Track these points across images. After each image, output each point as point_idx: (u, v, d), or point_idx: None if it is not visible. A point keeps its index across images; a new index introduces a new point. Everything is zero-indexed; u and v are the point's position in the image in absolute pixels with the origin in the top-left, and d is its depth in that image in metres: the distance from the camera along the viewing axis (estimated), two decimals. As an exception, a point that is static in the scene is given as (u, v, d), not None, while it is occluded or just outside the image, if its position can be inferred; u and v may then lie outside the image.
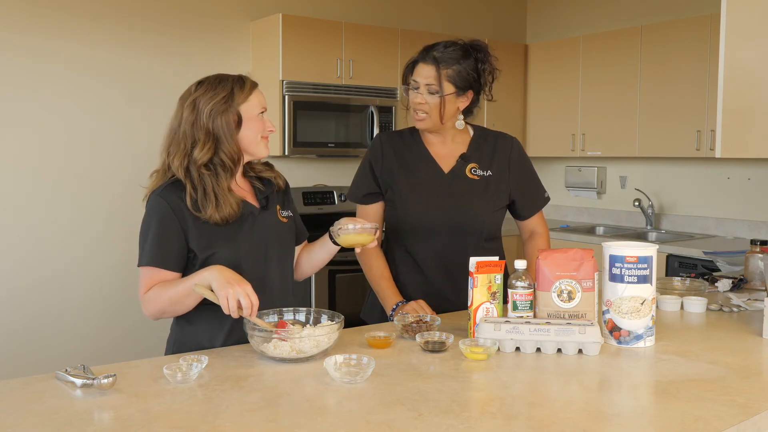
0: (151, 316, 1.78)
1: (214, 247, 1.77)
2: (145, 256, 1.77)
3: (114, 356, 3.68)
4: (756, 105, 2.23)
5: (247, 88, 1.84)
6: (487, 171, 2.17)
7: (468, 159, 2.17)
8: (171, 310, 1.76)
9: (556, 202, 5.48)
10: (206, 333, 1.81)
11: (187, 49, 4.15)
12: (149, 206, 1.79)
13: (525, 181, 2.22)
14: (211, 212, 1.75)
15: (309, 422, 1.23)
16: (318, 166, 4.69)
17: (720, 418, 1.25)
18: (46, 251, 3.77)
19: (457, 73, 2.07)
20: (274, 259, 1.87)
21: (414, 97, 2.09)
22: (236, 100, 1.81)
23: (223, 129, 1.79)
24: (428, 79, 2.06)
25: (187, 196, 1.76)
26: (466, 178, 2.15)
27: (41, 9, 3.69)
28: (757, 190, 4.32)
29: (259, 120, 1.85)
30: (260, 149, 1.88)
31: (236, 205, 1.79)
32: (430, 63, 2.07)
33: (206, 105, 1.80)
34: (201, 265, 1.77)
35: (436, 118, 2.09)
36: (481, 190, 2.14)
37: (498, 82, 2.24)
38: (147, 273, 1.77)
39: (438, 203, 2.12)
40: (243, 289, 1.62)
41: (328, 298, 4.02)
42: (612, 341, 1.75)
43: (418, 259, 2.15)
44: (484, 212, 2.14)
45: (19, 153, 3.68)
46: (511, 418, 1.25)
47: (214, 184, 1.77)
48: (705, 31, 4.12)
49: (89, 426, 1.22)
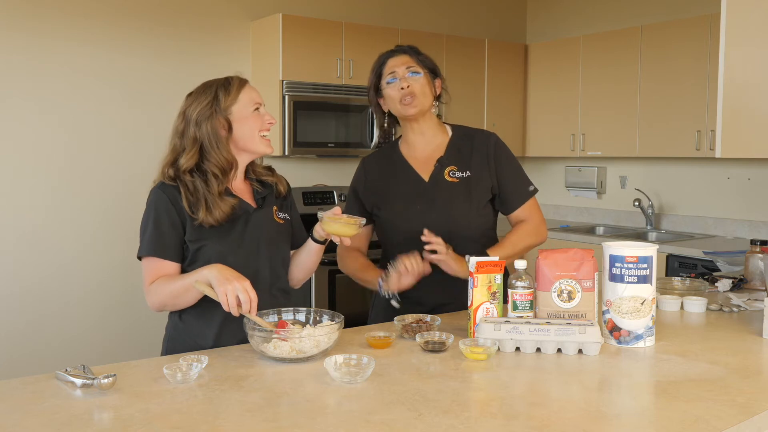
0: (153, 308, 1.83)
1: (204, 240, 1.80)
2: (144, 247, 1.82)
3: (114, 356, 3.68)
4: (756, 105, 2.23)
5: (233, 89, 1.85)
6: (466, 172, 2.17)
7: (445, 163, 2.17)
8: (172, 303, 1.81)
9: (556, 202, 5.48)
10: (196, 331, 1.84)
11: (187, 49, 4.15)
12: (150, 199, 1.84)
13: (506, 175, 2.19)
14: (202, 216, 1.79)
15: (309, 422, 1.23)
16: (318, 166, 4.69)
17: (720, 418, 1.25)
18: (46, 251, 3.77)
19: (425, 58, 2.19)
20: (265, 257, 1.88)
21: (398, 85, 2.13)
22: (223, 104, 1.83)
23: (209, 135, 1.82)
24: (406, 63, 2.14)
25: (183, 199, 1.80)
26: (446, 183, 2.15)
27: (41, 9, 3.69)
28: (757, 190, 4.32)
29: (254, 117, 1.86)
30: (260, 146, 1.88)
31: (229, 208, 1.81)
32: (401, 53, 2.17)
33: (193, 113, 1.85)
34: (192, 257, 1.81)
35: (426, 98, 2.14)
36: (462, 192, 2.14)
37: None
38: (148, 264, 1.82)
39: (422, 212, 2.13)
40: (241, 284, 1.64)
41: (328, 298, 4.02)
42: (612, 341, 1.75)
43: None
44: (468, 214, 2.14)
45: (19, 153, 3.68)
46: (511, 418, 1.25)
47: (204, 190, 1.81)
48: (705, 31, 4.12)
49: (89, 426, 1.22)
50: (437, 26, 5.12)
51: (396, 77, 2.13)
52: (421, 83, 2.13)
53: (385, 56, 2.18)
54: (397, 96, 2.12)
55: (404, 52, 2.16)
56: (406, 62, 2.14)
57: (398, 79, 2.12)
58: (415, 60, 2.15)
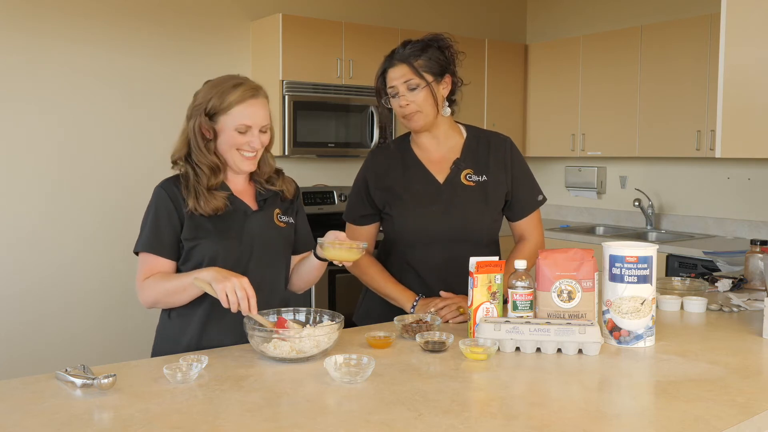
0: (145, 304, 1.82)
1: (199, 239, 1.80)
2: (141, 243, 1.82)
3: (114, 356, 3.68)
4: (756, 105, 2.23)
5: (233, 98, 1.78)
6: (483, 176, 2.12)
7: (462, 165, 2.13)
8: (165, 301, 1.81)
9: (556, 202, 5.48)
10: (179, 331, 1.84)
11: (187, 49, 4.15)
12: (152, 196, 1.85)
13: (520, 182, 2.17)
14: (193, 203, 1.79)
15: (309, 422, 1.23)
16: (318, 166, 4.69)
17: (720, 418, 1.25)
18: (46, 251, 3.77)
19: (427, 61, 2.04)
20: (260, 259, 1.85)
21: (398, 102, 2.06)
22: (214, 108, 1.79)
23: (194, 133, 1.82)
24: (404, 77, 2.03)
25: (182, 186, 1.82)
26: (462, 186, 2.11)
27: (41, 9, 3.68)
28: (757, 190, 4.32)
29: (236, 136, 1.80)
30: (237, 162, 1.83)
31: (220, 203, 1.80)
32: (399, 63, 2.04)
33: (192, 103, 1.84)
34: (186, 256, 1.81)
35: (429, 112, 2.06)
36: (478, 197, 2.11)
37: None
38: (144, 259, 1.82)
39: (435, 215, 2.10)
40: (239, 282, 1.63)
41: (328, 298, 4.02)
42: (612, 341, 1.75)
43: (419, 270, 2.13)
44: (483, 220, 2.11)
45: (19, 153, 3.68)
46: (511, 418, 1.25)
47: (194, 181, 1.81)
48: (705, 31, 4.12)
49: (89, 426, 1.22)
50: (437, 26, 5.11)
51: (396, 92, 2.05)
52: (420, 99, 2.03)
53: (385, 64, 2.08)
54: (400, 112, 2.07)
55: (403, 61, 2.03)
56: (405, 75, 2.02)
57: (398, 95, 2.05)
58: (413, 71, 2.02)
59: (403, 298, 2.09)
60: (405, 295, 2.09)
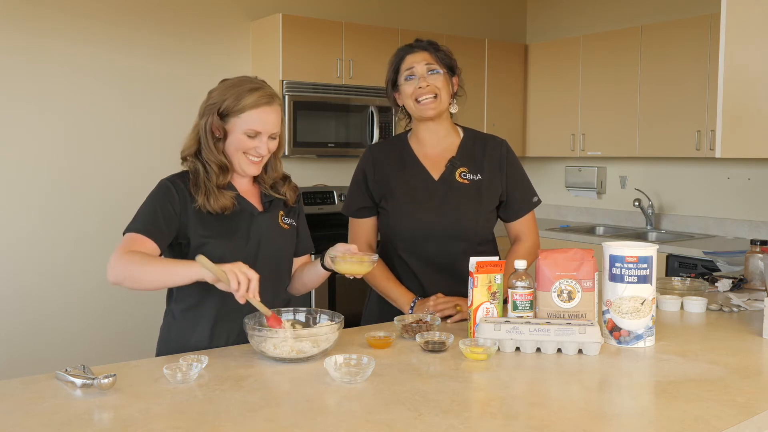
0: (112, 277, 1.66)
1: (209, 237, 1.78)
2: (134, 225, 1.74)
3: (114, 356, 3.68)
4: (756, 105, 2.23)
5: (248, 102, 1.78)
6: (477, 175, 2.14)
7: (457, 163, 2.15)
8: (137, 279, 1.65)
9: (556, 202, 5.48)
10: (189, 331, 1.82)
11: (187, 49, 4.15)
12: (156, 187, 1.83)
13: (515, 184, 2.18)
14: (202, 200, 1.78)
15: (309, 422, 1.23)
16: (318, 166, 4.69)
17: (720, 418, 1.25)
18: (46, 251, 3.77)
19: (444, 55, 2.13)
20: (265, 260, 1.85)
21: (415, 83, 2.08)
22: (228, 109, 1.79)
23: (205, 131, 1.81)
24: (426, 60, 2.09)
25: (190, 182, 1.81)
26: (456, 184, 2.13)
27: (41, 9, 3.69)
28: (757, 190, 4.32)
29: (245, 140, 1.79)
30: (242, 165, 1.83)
31: (228, 201, 1.80)
32: (421, 49, 2.11)
33: (207, 101, 1.84)
34: (193, 254, 1.71)
35: (444, 99, 2.09)
36: (472, 195, 2.12)
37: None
38: (131, 237, 1.72)
39: (429, 211, 2.11)
40: (239, 267, 1.59)
41: (328, 298, 4.02)
42: (612, 341, 1.75)
43: (412, 265, 2.14)
44: (476, 218, 2.12)
45: (19, 153, 3.68)
46: (511, 418, 1.25)
47: (205, 178, 1.80)
48: (705, 31, 4.12)
49: (89, 426, 1.22)
50: (437, 26, 5.12)
51: (414, 74, 2.08)
52: (440, 83, 2.08)
53: (403, 51, 2.13)
54: (415, 94, 2.08)
55: (424, 49, 2.10)
56: (426, 59, 2.08)
57: (417, 77, 2.08)
58: (435, 57, 2.09)
59: (401, 300, 2.10)
60: (404, 296, 2.10)
